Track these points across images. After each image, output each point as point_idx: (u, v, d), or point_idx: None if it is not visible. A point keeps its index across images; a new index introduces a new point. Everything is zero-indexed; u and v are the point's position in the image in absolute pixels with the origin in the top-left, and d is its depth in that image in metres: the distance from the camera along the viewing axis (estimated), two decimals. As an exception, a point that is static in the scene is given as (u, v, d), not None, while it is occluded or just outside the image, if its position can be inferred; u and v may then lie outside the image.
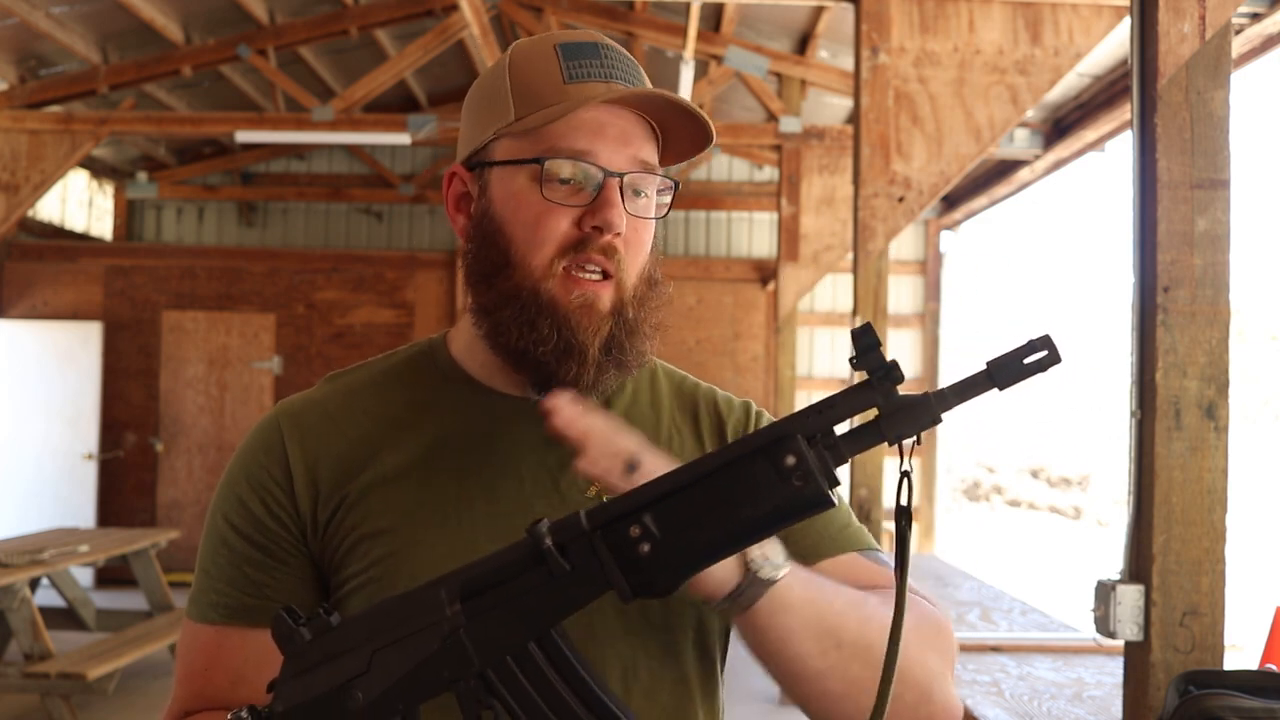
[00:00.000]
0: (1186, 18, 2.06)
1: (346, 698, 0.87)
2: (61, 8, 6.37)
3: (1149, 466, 2.06)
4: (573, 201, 1.04)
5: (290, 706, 0.89)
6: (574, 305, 1.04)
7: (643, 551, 0.83)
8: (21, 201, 6.65)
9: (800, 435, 0.83)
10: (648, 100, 1.05)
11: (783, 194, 7.37)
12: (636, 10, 7.09)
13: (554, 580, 0.85)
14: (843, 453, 0.83)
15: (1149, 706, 2.03)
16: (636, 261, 1.08)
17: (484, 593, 0.87)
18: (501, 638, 0.87)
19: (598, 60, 1.06)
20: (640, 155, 1.06)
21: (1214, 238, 2.07)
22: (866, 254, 4.36)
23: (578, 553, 0.85)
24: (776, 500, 0.82)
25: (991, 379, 0.80)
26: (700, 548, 0.84)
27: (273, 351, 9.59)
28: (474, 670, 0.87)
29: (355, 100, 6.95)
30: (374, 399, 1.14)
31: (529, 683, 0.87)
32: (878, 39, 4.26)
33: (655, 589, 0.85)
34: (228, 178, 10.09)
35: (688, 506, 0.84)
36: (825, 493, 0.82)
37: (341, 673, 0.88)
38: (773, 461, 0.82)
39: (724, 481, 0.83)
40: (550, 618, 0.86)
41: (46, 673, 4.87)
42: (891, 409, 0.82)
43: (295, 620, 0.90)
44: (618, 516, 0.85)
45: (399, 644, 0.87)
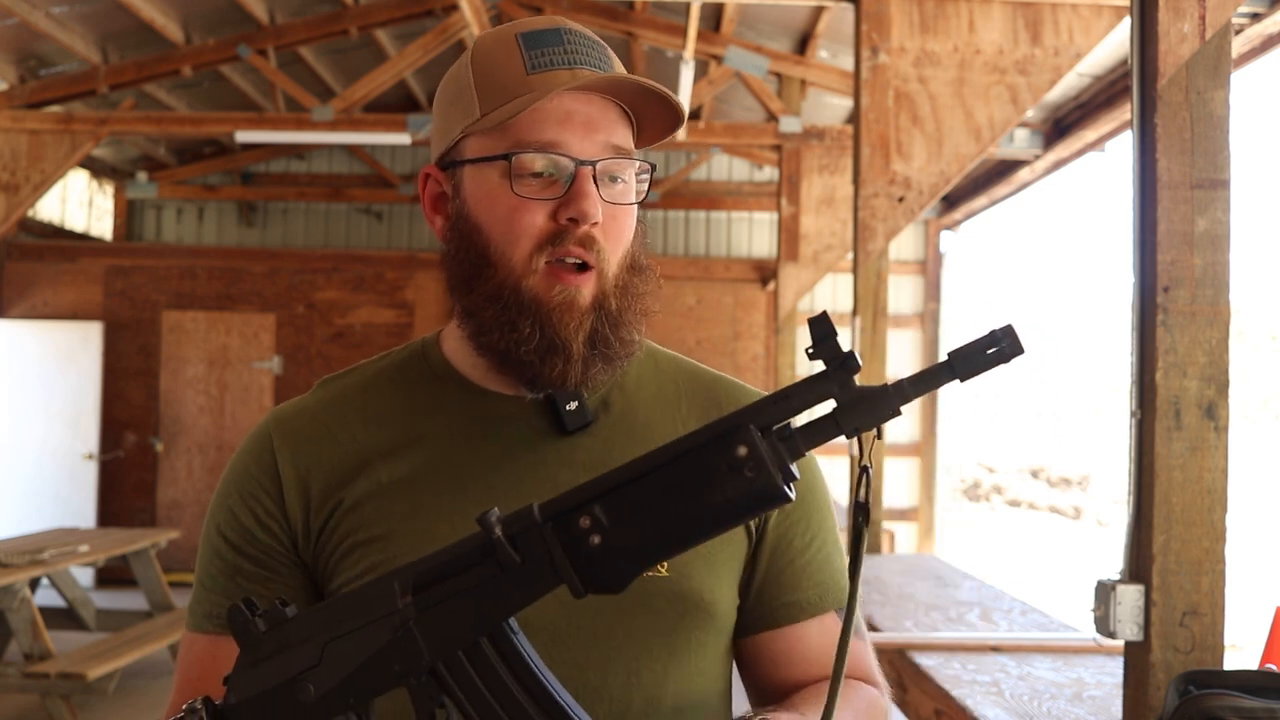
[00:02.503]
0: (1186, 18, 2.06)
1: (298, 690, 0.86)
2: (61, 8, 6.37)
3: (1149, 466, 2.06)
4: (546, 194, 1.02)
5: (243, 699, 0.88)
6: (555, 302, 1.02)
7: (593, 544, 0.81)
8: (21, 201, 6.66)
9: (753, 425, 0.80)
10: (614, 85, 1.03)
11: (783, 194, 7.37)
12: (636, 10, 7.09)
13: (505, 573, 0.83)
14: (798, 445, 0.81)
15: (1149, 706, 2.03)
16: (618, 249, 1.06)
17: (436, 585, 0.85)
18: (452, 631, 0.85)
19: (560, 47, 1.04)
20: (612, 141, 1.04)
21: (1214, 238, 2.07)
22: (866, 254, 4.37)
23: (529, 544, 0.83)
24: (728, 492, 0.80)
25: (952, 370, 0.79)
26: (650, 540, 0.82)
27: (273, 351, 9.59)
28: (424, 664, 0.85)
29: (355, 100, 6.95)
30: (367, 403, 1.13)
31: (480, 679, 0.86)
32: (878, 39, 4.26)
33: (606, 583, 0.83)
34: (228, 178, 10.09)
35: (638, 498, 0.81)
36: (779, 485, 0.79)
37: (294, 665, 0.87)
38: (724, 452, 0.80)
39: (676, 473, 0.81)
40: (501, 611, 0.85)
41: (46, 673, 4.86)
42: (849, 400, 0.79)
43: (252, 611, 0.89)
44: (569, 508, 0.83)
45: (351, 636, 0.86)
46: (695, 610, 1.07)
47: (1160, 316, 2.06)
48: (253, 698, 0.87)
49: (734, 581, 1.10)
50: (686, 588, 1.06)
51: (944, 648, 3.06)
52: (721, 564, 1.09)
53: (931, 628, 3.35)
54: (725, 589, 1.09)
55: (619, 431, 1.10)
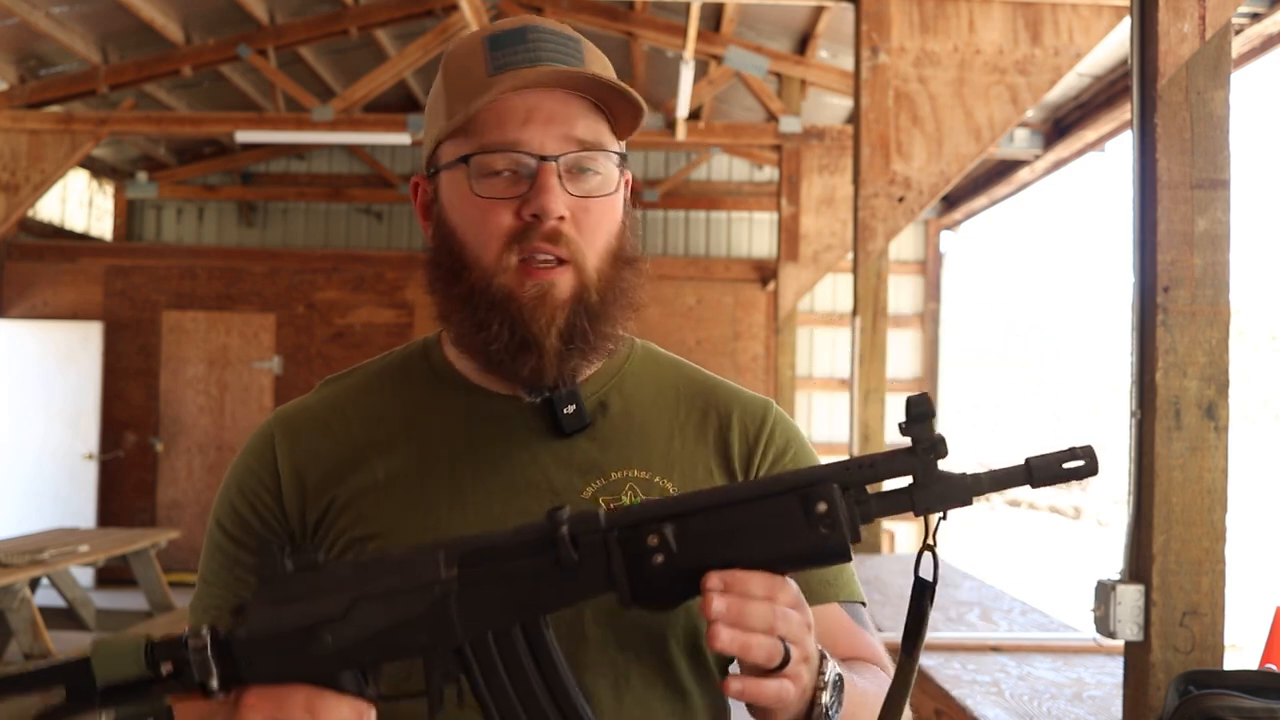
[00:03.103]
0: (1186, 18, 2.06)
1: (315, 639, 0.85)
2: (61, 8, 6.37)
3: (1149, 466, 2.06)
4: (511, 193, 1.02)
5: (254, 634, 0.86)
6: (528, 297, 1.02)
7: (655, 562, 0.83)
8: (21, 201, 6.65)
9: (837, 484, 0.83)
10: (562, 78, 1.02)
11: (783, 194, 7.37)
12: (636, 10, 7.09)
13: (558, 569, 0.84)
14: (871, 511, 0.84)
15: (1149, 706, 2.03)
16: (596, 242, 1.04)
17: (484, 565, 0.85)
18: (490, 614, 0.85)
19: (523, 45, 1.03)
20: (575, 134, 1.03)
21: (1214, 238, 2.07)
22: (866, 254, 4.37)
23: (589, 547, 0.84)
24: (800, 543, 0.82)
25: (1029, 475, 0.83)
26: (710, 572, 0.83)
27: (273, 351, 9.59)
28: (454, 641, 0.85)
29: (355, 100, 6.95)
30: (367, 401, 1.13)
31: (504, 667, 0.86)
32: (878, 39, 4.26)
33: (657, 601, 0.84)
34: (228, 178, 10.09)
35: (709, 528, 0.83)
36: (848, 546, 0.82)
37: (316, 613, 0.86)
38: (805, 504, 0.82)
39: (751, 512, 0.83)
40: (544, 605, 0.85)
41: (46, 673, 4.86)
42: (928, 482, 0.83)
43: (282, 551, 0.88)
44: (639, 521, 0.84)
45: (384, 598, 0.85)
46: (684, 615, 1.06)
47: (1160, 316, 2.06)
48: (264, 635, 0.86)
49: None
50: None
51: (944, 648, 3.06)
52: None
53: (932, 628, 3.34)
54: None
55: (616, 434, 1.10)
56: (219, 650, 0.86)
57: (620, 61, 8.12)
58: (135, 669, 0.87)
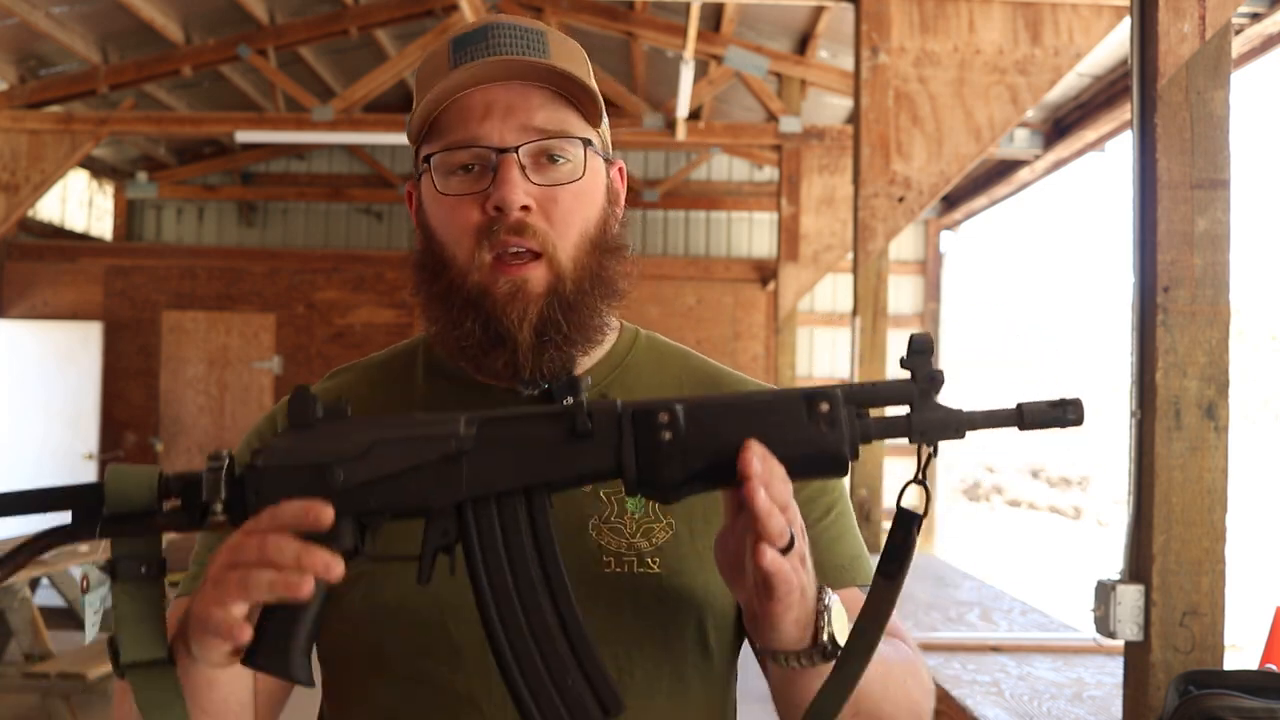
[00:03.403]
0: (1186, 18, 2.06)
1: (328, 474, 0.87)
2: (61, 8, 6.37)
3: (1149, 466, 2.06)
4: (476, 188, 1.03)
5: (269, 465, 0.88)
6: (501, 293, 1.02)
7: (662, 438, 0.86)
8: (21, 201, 6.66)
9: (840, 394, 0.87)
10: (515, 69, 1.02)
11: (783, 194, 7.37)
12: (636, 10, 7.09)
13: (570, 439, 0.87)
14: (870, 430, 0.88)
15: (1149, 706, 2.03)
16: (568, 229, 1.04)
17: (501, 430, 0.88)
18: (498, 476, 0.87)
19: (483, 43, 1.04)
20: (535, 123, 1.03)
21: (1214, 238, 2.07)
22: (866, 254, 4.37)
23: (602, 421, 0.87)
24: (800, 437, 0.86)
25: (1020, 417, 0.87)
26: (716, 455, 0.86)
27: (273, 351, 9.59)
28: (458, 496, 0.87)
29: (355, 100, 6.95)
30: (369, 395, 1.13)
31: (503, 537, 0.88)
32: (878, 39, 4.26)
33: (660, 480, 0.86)
34: (228, 178, 10.10)
35: (718, 415, 0.87)
36: (843, 449, 0.86)
37: (334, 451, 0.88)
38: (809, 403, 0.86)
39: (758, 407, 0.87)
40: (552, 473, 0.88)
41: (46, 673, 4.86)
42: (924, 409, 0.87)
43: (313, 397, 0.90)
44: (651, 405, 0.87)
45: (401, 443, 0.88)
46: (689, 607, 1.06)
47: (1160, 316, 2.06)
48: (279, 467, 0.88)
49: None
50: (679, 584, 1.06)
51: (944, 648, 3.06)
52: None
53: (931, 628, 3.35)
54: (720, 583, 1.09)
55: None
56: (233, 478, 0.88)
57: (620, 61, 8.12)
58: (146, 497, 0.88)
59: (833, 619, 0.92)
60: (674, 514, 1.08)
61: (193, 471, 0.90)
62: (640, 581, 1.05)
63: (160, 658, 0.88)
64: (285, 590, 0.81)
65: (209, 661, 0.88)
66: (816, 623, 0.91)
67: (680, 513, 1.08)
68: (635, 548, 1.06)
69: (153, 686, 0.88)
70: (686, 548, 1.07)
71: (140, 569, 0.89)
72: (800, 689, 0.95)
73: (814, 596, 0.91)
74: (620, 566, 1.05)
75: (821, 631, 0.91)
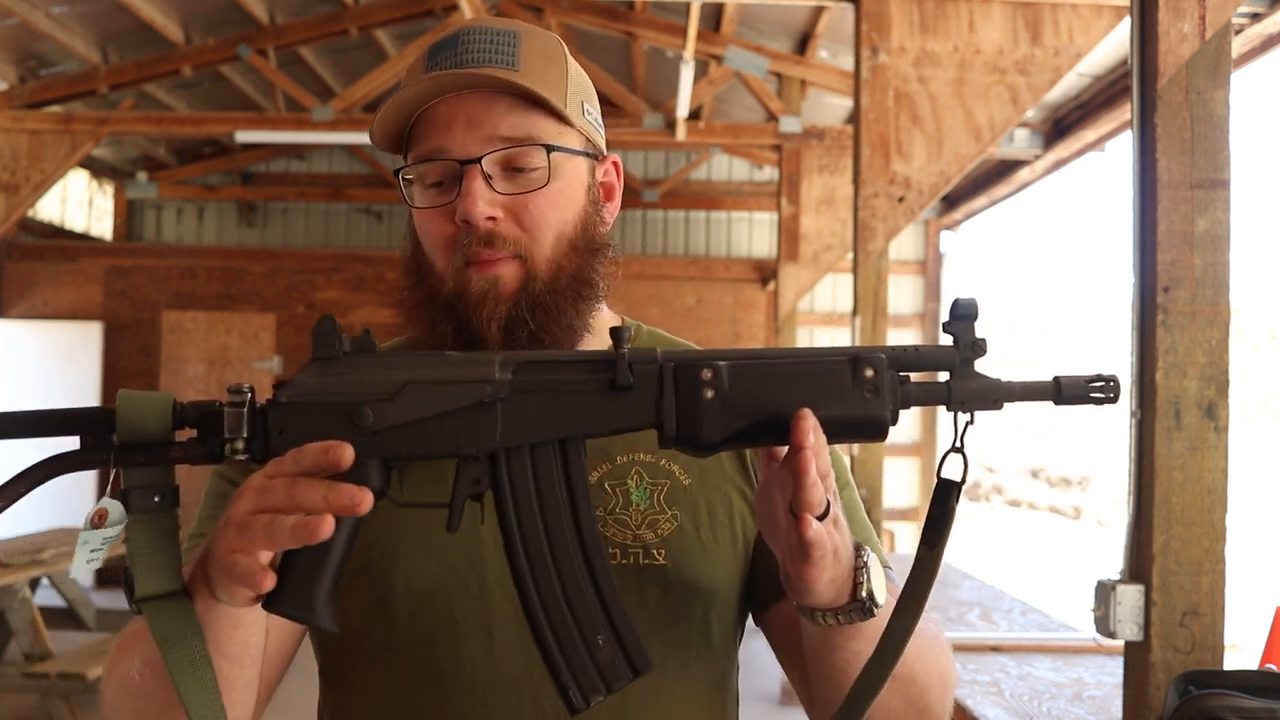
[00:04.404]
0: (1186, 18, 2.06)
1: (358, 414, 0.83)
2: (61, 8, 6.37)
3: (1149, 466, 2.06)
4: (444, 200, 1.04)
5: (294, 398, 0.84)
6: (474, 293, 1.02)
7: (705, 396, 0.85)
8: (21, 201, 6.65)
9: (885, 358, 0.86)
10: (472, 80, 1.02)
11: (783, 194, 7.37)
12: (636, 10, 7.09)
13: (610, 391, 0.85)
14: (911, 395, 0.87)
15: (1149, 706, 2.03)
16: (543, 234, 1.04)
17: (538, 376, 0.86)
18: (533, 424, 0.85)
19: (452, 51, 1.04)
20: (499, 132, 1.02)
21: (1214, 238, 2.07)
22: (866, 254, 4.37)
23: (644, 375, 0.86)
24: (844, 402, 0.85)
25: (1058, 391, 0.87)
26: (756, 415, 0.85)
27: (273, 351, 9.59)
28: (493, 443, 0.85)
29: (355, 100, 6.95)
30: None
31: (535, 486, 0.86)
32: (878, 39, 4.26)
33: (700, 438, 0.85)
34: (228, 178, 10.09)
35: (761, 375, 0.86)
36: (885, 415, 0.86)
37: (364, 390, 0.85)
38: (854, 367, 0.86)
39: (802, 368, 0.86)
40: (590, 427, 0.86)
41: (46, 673, 4.86)
42: (964, 377, 0.87)
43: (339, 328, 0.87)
44: (695, 359, 0.86)
45: (435, 386, 0.85)
46: (694, 599, 1.07)
47: (1160, 316, 2.06)
48: (306, 403, 0.84)
49: (735, 567, 1.10)
50: (684, 576, 1.06)
51: (944, 648, 3.05)
52: (721, 550, 1.09)
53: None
54: (725, 575, 1.09)
55: None
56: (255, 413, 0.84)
57: (620, 62, 8.12)
58: (159, 426, 0.85)
59: (871, 577, 0.92)
60: (678, 506, 1.08)
61: (209, 401, 0.86)
62: (646, 574, 1.05)
63: (175, 589, 0.86)
64: (308, 533, 0.78)
65: (233, 604, 0.85)
66: (855, 578, 0.92)
67: (685, 504, 1.08)
68: (641, 540, 1.06)
69: (169, 620, 0.85)
70: (691, 539, 1.07)
71: (154, 499, 0.86)
72: (837, 650, 0.95)
73: (850, 558, 0.91)
74: (626, 559, 1.05)
75: (860, 588, 0.91)
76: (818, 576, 0.87)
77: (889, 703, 0.98)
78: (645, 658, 0.87)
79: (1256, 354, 22.63)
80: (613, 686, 0.87)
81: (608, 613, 0.87)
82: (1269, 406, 22.11)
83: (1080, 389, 0.87)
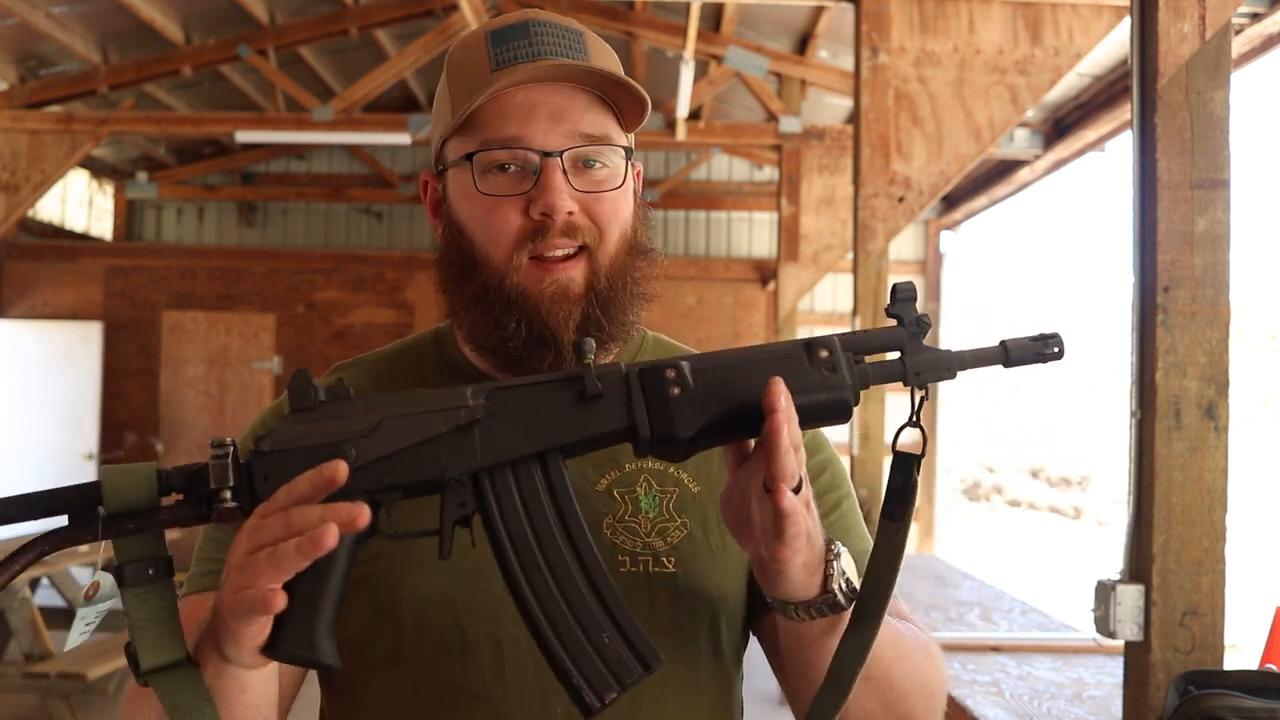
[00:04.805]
0: (1186, 18, 2.06)
1: (339, 454, 0.84)
2: (61, 8, 6.37)
3: (1149, 466, 2.06)
4: (517, 190, 1.02)
5: (276, 446, 0.86)
6: (546, 294, 1.01)
7: (672, 393, 0.87)
8: (21, 201, 6.65)
9: (838, 340, 0.90)
10: (568, 73, 1.02)
11: (783, 194, 7.37)
12: (636, 10, 7.09)
13: (580, 402, 0.87)
14: (868, 374, 0.90)
15: (1149, 706, 2.03)
16: (610, 233, 1.04)
17: (510, 399, 0.88)
18: (510, 442, 0.87)
19: (525, 40, 1.02)
20: (581, 129, 1.02)
21: (1214, 238, 2.07)
22: (866, 254, 4.37)
23: (611, 383, 0.88)
24: (806, 383, 0.87)
25: (1006, 354, 0.90)
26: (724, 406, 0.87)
27: (273, 351, 9.59)
28: (473, 464, 0.86)
29: (355, 100, 6.95)
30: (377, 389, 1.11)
31: (521, 502, 0.88)
32: (878, 39, 4.26)
33: (673, 437, 0.86)
34: (228, 178, 10.09)
35: (722, 369, 0.88)
36: (847, 391, 0.88)
37: (343, 430, 0.86)
38: (809, 350, 0.89)
39: (762, 357, 0.89)
40: (565, 435, 0.87)
41: (46, 673, 4.86)
42: (915, 352, 0.90)
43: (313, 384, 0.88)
44: (657, 364, 0.88)
45: (411, 418, 0.87)
46: (703, 607, 1.07)
47: (1160, 316, 2.06)
48: (288, 450, 0.86)
49: (743, 575, 1.10)
50: (693, 584, 1.06)
51: (944, 648, 3.05)
52: (730, 558, 1.09)
53: (931, 628, 3.35)
54: (733, 583, 1.09)
55: None
56: (239, 464, 0.86)
57: (620, 61, 8.13)
58: (145, 495, 0.85)
59: (844, 568, 0.93)
60: (687, 513, 1.08)
61: (192, 464, 0.87)
62: (656, 581, 1.05)
63: (180, 658, 0.86)
64: (314, 546, 0.78)
65: (242, 660, 0.86)
66: (825, 571, 0.92)
67: (694, 512, 1.08)
68: (651, 547, 1.06)
69: (179, 690, 0.86)
70: (701, 546, 1.07)
71: (148, 571, 0.87)
72: (812, 648, 0.95)
73: (821, 545, 0.92)
74: (635, 566, 1.05)
75: (830, 579, 0.92)
76: (791, 558, 0.87)
77: (865, 702, 0.98)
78: (654, 652, 0.88)
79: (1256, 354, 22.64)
80: (625, 683, 0.87)
81: (610, 613, 0.88)
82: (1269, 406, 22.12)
83: (1027, 349, 0.90)
